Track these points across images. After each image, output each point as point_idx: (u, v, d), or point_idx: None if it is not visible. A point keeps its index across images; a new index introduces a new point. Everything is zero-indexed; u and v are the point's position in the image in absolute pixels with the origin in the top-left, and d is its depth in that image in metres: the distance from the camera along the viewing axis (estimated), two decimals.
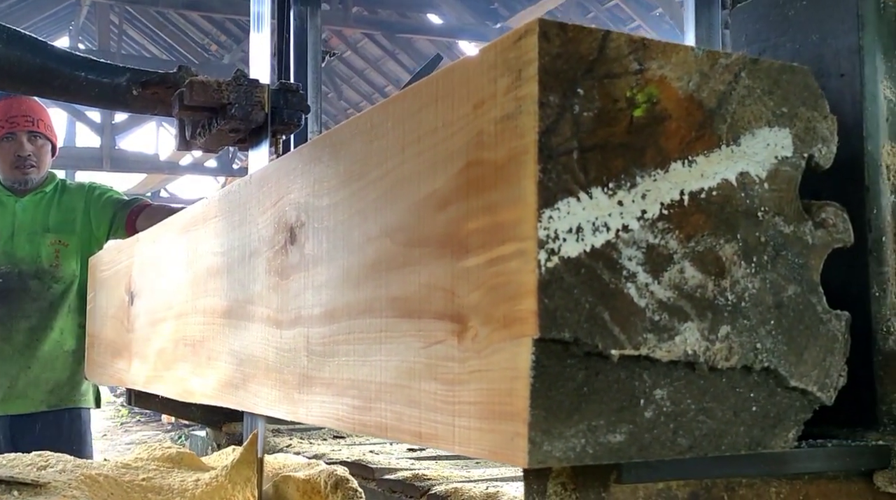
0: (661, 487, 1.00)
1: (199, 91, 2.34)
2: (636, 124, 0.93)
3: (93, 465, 2.04)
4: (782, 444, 0.99)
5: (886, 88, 1.15)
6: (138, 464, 2.08)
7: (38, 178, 3.87)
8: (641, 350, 0.91)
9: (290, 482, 1.92)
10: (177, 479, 1.98)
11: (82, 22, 20.05)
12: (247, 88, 2.36)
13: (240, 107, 2.34)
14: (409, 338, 1.08)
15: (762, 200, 0.99)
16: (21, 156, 3.79)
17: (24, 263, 3.76)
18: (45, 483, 1.83)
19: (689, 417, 0.94)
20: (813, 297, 1.00)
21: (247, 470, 1.90)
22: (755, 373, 0.97)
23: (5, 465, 1.99)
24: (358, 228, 1.21)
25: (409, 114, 1.11)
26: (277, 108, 2.40)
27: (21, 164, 3.80)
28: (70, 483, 1.86)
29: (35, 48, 2.49)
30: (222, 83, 2.36)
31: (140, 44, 22.42)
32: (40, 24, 19.02)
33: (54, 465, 2.00)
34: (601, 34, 0.93)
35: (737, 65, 0.99)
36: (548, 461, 0.88)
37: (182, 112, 2.46)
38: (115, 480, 1.94)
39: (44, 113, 3.90)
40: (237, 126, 2.37)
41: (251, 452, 1.92)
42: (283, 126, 2.43)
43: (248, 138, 2.47)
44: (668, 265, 0.93)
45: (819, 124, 1.02)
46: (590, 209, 0.90)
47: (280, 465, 2.09)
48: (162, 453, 2.16)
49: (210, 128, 2.43)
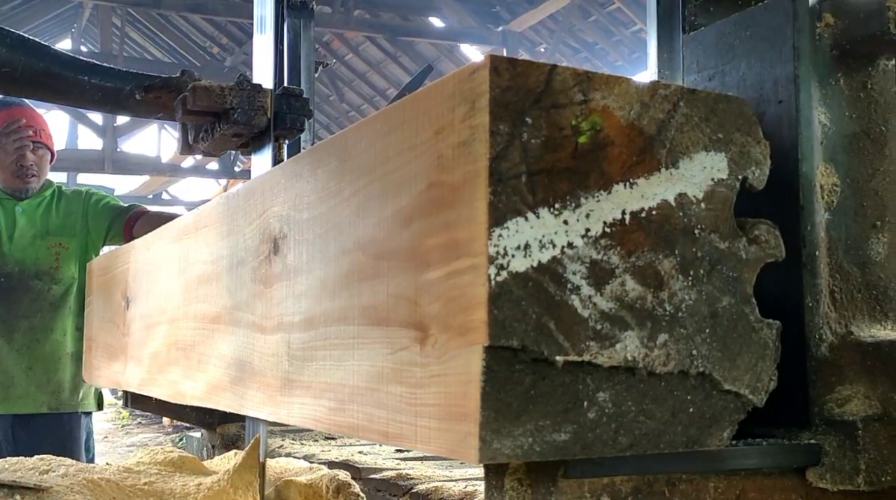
0: (605, 482, 1.08)
1: (202, 96, 2.35)
2: (581, 150, 1.02)
3: (95, 469, 2.06)
4: (717, 442, 1.08)
5: (821, 113, 1.23)
6: (140, 468, 2.10)
7: (38, 185, 3.98)
8: (584, 357, 1.00)
9: (293, 486, 1.94)
10: (179, 483, 1.99)
11: (84, 24, 20.14)
12: (250, 92, 2.36)
13: (243, 111, 2.34)
14: (378, 344, 1.17)
15: (699, 219, 1.08)
16: (23, 166, 3.89)
17: (24, 264, 3.86)
18: (47, 488, 1.84)
19: (630, 417, 1.03)
20: (746, 307, 1.09)
21: (249, 474, 1.90)
22: (691, 377, 1.06)
23: (8, 469, 2.01)
24: (334, 241, 1.30)
25: (379, 136, 1.20)
26: (280, 112, 2.40)
27: (23, 173, 3.90)
28: (72, 488, 1.87)
29: (39, 52, 2.50)
30: (225, 88, 2.36)
31: (142, 46, 22.52)
32: (42, 26, 19.11)
33: (56, 469, 2.01)
34: (548, 68, 1.02)
35: (675, 95, 1.08)
36: (497, 457, 0.96)
37: (185, 116, 2.47)
38: (117, 484, 1.95)
39: (44, 123, 4.01)
40: (240, 131, 2.38)
41: (253, 456, 1.93)
42: (286, 131, 2.44)
43: (250, 143, 2.49)
44: (610, 279, 1.02)
45: (753, 149, 1.11)
46: (537, 228, 0.99)
47: (282, 469, 2.11)
48: (164, 457, 2.17)
49: (213, 132, 2.44)
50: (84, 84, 2.51)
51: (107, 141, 15.59)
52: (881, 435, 1.15)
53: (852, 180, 1.25)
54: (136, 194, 20.14)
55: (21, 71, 2.45)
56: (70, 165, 15.82)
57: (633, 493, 1.10)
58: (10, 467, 2.05)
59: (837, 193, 1.24)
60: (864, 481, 1.14)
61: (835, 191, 1.23)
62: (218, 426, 3.07)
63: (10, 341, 3.82)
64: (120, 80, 2.54)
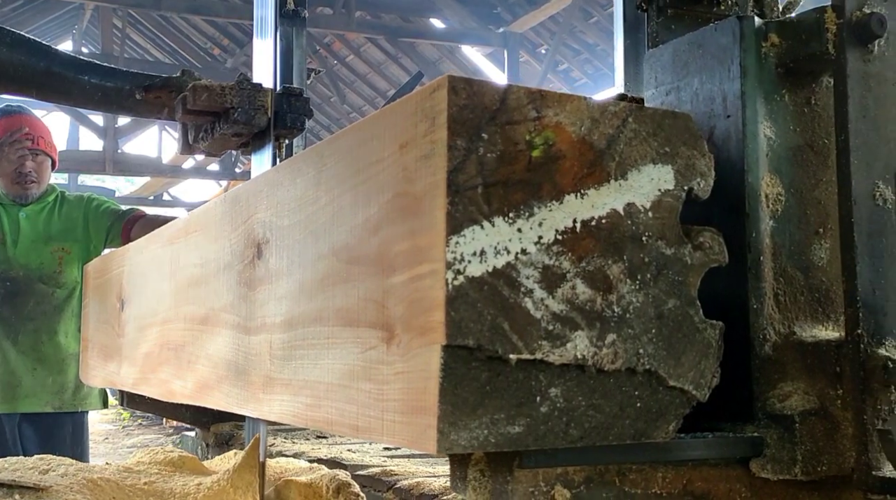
0: (558, 472, 1.17)
1: (202, 95, 2.36)
2: (534, 163, 1.10)
3: (94, 469, 2.07)
4: (663, 435, 1.15)
5: (767, 127, 1.31)
6: (140, 468, 2.12)
7: (38, 191, 4.10)
8: (537, 355, 1.08)
9: (292, 486, 1.96)
10: (178, 483, 2.00)
11: (85, 26, 20.23)
12: (250, 92, 2.37)
13: (243, 111, 2.35)
14: (350, 344, 1.25)
15: (646, 227, 1.16)
16: (22, 172, 4.00)
17: (28, 268, 3.98)
18: (47, 487, 1.85)
19: (580, 411, 1.11)
20: (690, 309, 1.17)
21: (249, 475, 1.90)
22: (638, 374, 1.14)
23: (8, 469, 2.03)
24: (311, 246, 1.38)
25: (351, 149, 1.28)
26: (280, 112, 2.42)
27: (22, 180, 4.01)
28: (72, 487, 1.88)
29: (39, 52, 2.52)
30: (226, 87, 2.38)
31: (143, 47, 22.60)
32: (44, 27, 19.20)
33: (56, 469, 2.03)
34: (503, 88, 1.10)
35: (624, 111, 1.16)
36: (454, 448, 1.04)
37: (185, 116, 2.49)
38: (117, 484, 1.96)
39: (44, 130, 4.11)
40: (240, 130, 2.39)
41: (253, 456, 1.94)
42: (287, 130, 2.46)
43: (251, 142, 2.50)
44: (561, 283, 1.10)
45: (698, 161, 1.19)
46: (492, 235, 1.07)
47: (282, 469, 2.12)
48: (164, 457, 2.19)
49: (213, 132, 2.46)
50: (84, 84, 2.53)
51: (108, 142, 15.65)
52: (817, 428, 1.23)
53: (796, 190, 1.33)
54: (137, 196, 20.23)
55: (22, 71, 2.47)
56: (71, 166, 15.90)
57: (585, 482, 1.18)
58: (10, 466, 2.07)
59: (782, 202, 1.32)
60: (801, 471, 1.22)
61: (779, 200, 1.31)
62: (212, 425, 3.15)
63: (15, 343, 3.94)
64: (120, 80, 2.57)
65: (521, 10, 14.56)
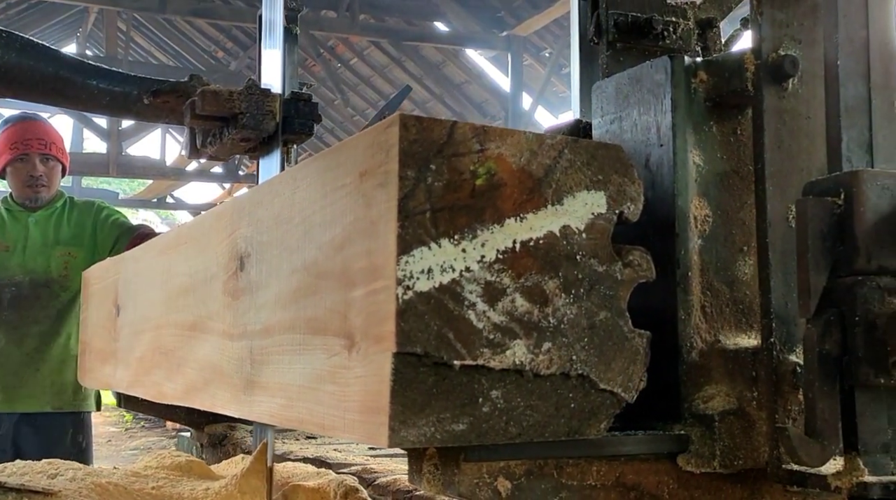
0: (501, 465, 1.30)
1: (210, 100, 2.37)
2: (477, 191, 1.24)
3: (103, 473, 2.11)
4: (596, 432, 1.29)
5: (696, 155, 1.45)
6: (148, 472, 2.16)
7: (48, 196, 4.21)
8: (479, 361, 1.22)
9: (300, 491, 1.98)
10: (186, 488, 2.02)
11: (90, 29, 20.37)
12: (258, 97, 2.38)
13: (251, 116, 2.36)
14: (318, 351, 1.39)
15: (580, 247, 1.29)
16: (33, 176, 4.10)
17: (35, 273, 4.08)
18: (56, 492, 1.87)
19: (519, 411, 1.25)
20: (620, 320, 1.31)
21: (256, 479, 1.91)
22: (572, 378, 1.27)
23: (16, 473, 2.06)
24: (286, 261, 1.52)
25: (320, 173, 1.42)
26: (289, 117, 2.42)
27: (33, 183, 4.12)
28: (80, 492, 1.90)
29: (48, 57, 2.53)
30: (234, 92, 2.38)
31: (147, 51, 22.75)
32: (48, 30, 19.36)
33: (64, 473, 2.05)
34: (450, 124, 1.24)
35: (560, 144, 1.29)
36: (404, 443, 1.18)
37: (194, 121, 2.49)
38: (125, 488, 1.97)
39: (56, 137, 4.24)
40: (248, 135, 2.40)
41: (261, 461, 1.95)
42: (295, 135, 2.46)
43: (259, 147, 2.50)
44: (502, 297, 1.24)
45: (628, 188, 1.32)
46: (439, 255, 1.21)
47: (289, 474, 2.15)
48: (171, 461, 2.23)
49: (221, 136, 2.47)
50: (92, 89, 2.55)
51: (112, 145, 15.80)
52: (735, 426, 1.38)
53: (723, 212, 1.47)
54: (140, 198, 20.42)
55: (30, 75, 2.48)
56: (75, 169, 16.01)
57: (525, 475, 1.32)
58: (19, 470, 2.10)
59: (709, 223, 1.46)
60: (719, 464, 1.37)
61: (707, 221, 1.45)
62: (206, 426, 3.28)
63: (20, 345, 4.02)
64: (128, 85, 2.57)
65: (525, 13, 14.65)
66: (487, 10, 15.02)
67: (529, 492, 1.32)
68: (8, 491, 1.86)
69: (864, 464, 1.23)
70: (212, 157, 2.65)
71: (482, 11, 14.96)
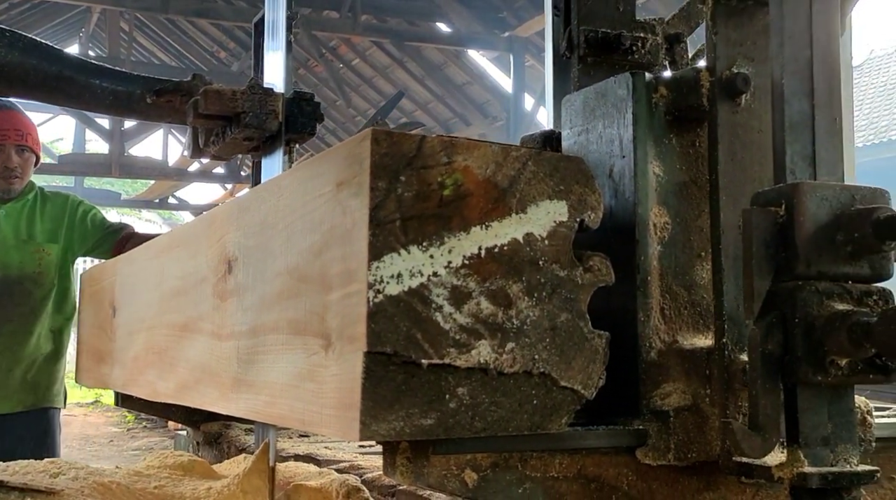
0: (468, 458, 1.39)
1: (213, 100, 2.37)
2: (445, 200, 1.33)
3: (105, 472, 2.09)
4: (557, 427, 1.38)
5: (656, 166, 1.54)
6: (150, 472, 2.15)
7: (20, 187, 4.11)
8: (445, 360, 1.30)
9: (302, 491, 1.98)
10: (188, 487, 2.02)
11: (92, 29, 20.46)
12: (261, 96, 2.38)
13: (254, 115, 2.35)
14: (299, 350, 1.48)
15: (543, 253, 1.38)
16: (9, 167, 4.00)
17: (9, 268, 3.97)
18: (58, 491, 1.86)
19: (484, 407, 1.33)
20: (581, 321, 1.39)
21: (258, 479, 1.91)
22: (534, 376, 1.36)
23: (18, 472, 2.06)
24: (270, 265, 1.61)
25: (302, 182, 1.51)
26: (292, 116, 2.42)
27: (8, 175, 4.01)
28: (83, 491, 1.90)
29: (51, 56, 2.52)
30: (237, 92, 2.38)
31: (149, 51, 22.83)
32: (51, 30, 19.44)
33: (67, 472, 2.04)
34: (419, 138, 1.32)
35: (524, 156, 1.38)
36: (374, 437, 1.27)
37: (196, 120, 2.48)
38: (128, 488, 1.97)
39: (32, 127, 4.15)
40: (251, 135, 2.40)
41: (263, 461, 1.96)
42: (297, 135, 2.45)
43: (261, 147, 2.50)
44: (467, 300, 1.32)
45: (589, 197, 1.41)
46: (408, 261, 1.29)
47: (291, 474, 2.15)
48: (174, 460, 2.23)
49: (224, 136, 2.47)
50: (95, 88, 2.54)
51: (114, 145, 15.88)
52: (689, 421, 1.46)
53: (681, 219, 1.56)
54: (143, 199, 20.52)
55: (34, 75, 2.47)
56: (77, 169, 16.15)
57: (491, 467, 1.41)
58: (21, 470, 2.09)
59: (668, 230, 1.54)
60: (674, 457, 1.45)
61: (666, 228, 1.54)
62: (201, 425, 3.35)
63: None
64: (131, 84, 2.57)
65: (527, 14, 14.69)
66: (489, 11, 15.06)
67: (495, 483, 1.40)
68: (10, 490, 1.87)
69: (804, 456, 1.32)
70: (214, 156, 2.66)
71: (484, 12, 15.01)
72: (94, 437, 13.22)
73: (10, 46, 2.45)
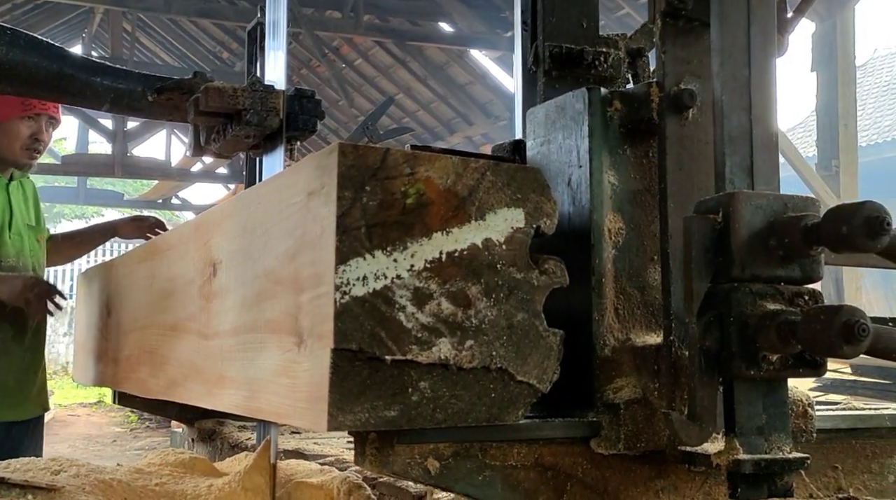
0: (431, 447, 1.49)
1: (214, 97, 2.36)
2: (408, 208, 1.43)
3: (106, 470, 2.07)
4: (514, 419, 1.48)
5: (611, 175, 1.64)
6: (151, 469, 2.13)
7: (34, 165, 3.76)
8: (408, 356, 1.40)
9: (303, 488, 1.98)
10: (189, 485, 2.01)
11: (95, 29, 20.54)
12: (262, 93, 2.38)
13: (255, 113, 2.36)
14: (275, 348, 1.58)
15: (501, 257, 1.48)
16: (39, 140, 3.63)
17: (23, 255, 3.63)
18: (59, 488, 1.86)
19: (444, 400, 1.43)
20: (536, 320, 1.50)
21: (259, 477, 1.91)
22: (492, 371, 1.46)
23: (20, 469, 2.03)
24: (250, 268, 1.71)
25: (279, 191, 1.62)
26: (292, 114, 2.42)
27: (36, 148, 3.64)
28: (84, 488, 1.89)
29: (52, 54, 2.51)
30: (238, 89, 2.38)
31: (152, 51, 22.91)
32: (54, 31, 19.49)
33: (68, 469, 2.02)
34: (384, 150, 1.43)
35: (483, 167, 1.48)
36: (341, 427, 1.37)
37: (197, 118, 2.48)
38: (129, 485, 1.97)
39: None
40: (252, 132, 2.40)
41: (264, 458, 1.96)
42: (298, 132, 2.44)
43: (262, 144, 2.50)
44: (429, 300, 1.43)
45: (544, 205, 1.51)
46: (372, 265, 1.40)
47: (292, 471, 2.13)
48: (175, 458, 2.21)
49: (225, 133, 2.46)
50: (97, 86, 2.53)
51: (117, 146, 15.95)
52: (638, 413, 1.57)
53: (635, 225, 1.66)
54: (146, 199, 20.61)
55: (35, 73, 2.46)
56: (80, 170, 16.22)
57: (452, 455, 1.51)
58: (22, 467, 2.07)
59: (623, 235, 1.65)
60: (623, 446, 1.56)
61: (620, 233, 1.64)
62: (196, 422, 3.43)
63: (20, 341, 3.58)
64: (132, 82, 2.56)
65: None
66: (492, 11, 15.08)
67: (456, 471, 1.51)
68: (12, 487, 1.86)
69: (740, 444, 1.43)
70: (215, 154, 2.65)
71: (487, 12, 15.02)
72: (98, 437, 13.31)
73: (12, 44, 2.45)
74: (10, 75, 2.46)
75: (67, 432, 12.76)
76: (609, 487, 1.61)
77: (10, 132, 3.55)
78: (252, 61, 3.91)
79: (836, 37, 8.75)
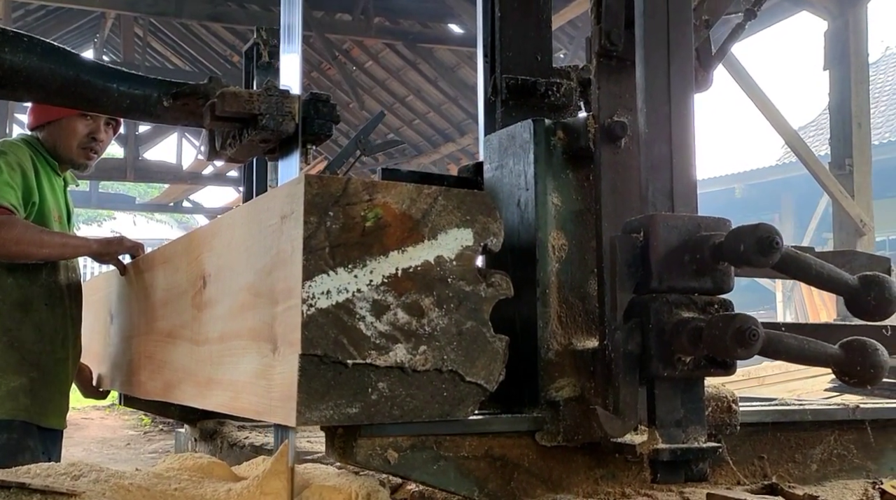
0: (390, 440, 1.69)
1: (230, 102, 2.37)
2: (367, 231, 1.62)
3: (125, 475, 2.09)
4: (465, 415, 1.67)
5: (555, 197, 1.84)
6: (170, 474, 2.13)
7: (93, 166, 3.57)
8: (367, 360, 1.60)
9: (321, 492, 1.96)
10: (208, 489, 2.01)
11: (107, 34, 20.71)
12: (278, 98, 2.39)
13: (271, 117, 2.36)
14: (255, 353, 1.78)
15: (451, 272, 1.68)
16: (97, 139, 3.43)
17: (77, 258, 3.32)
18: (79, 493, 1.87)
19: (401, 398, 1.63)
20: (484, 328, 1.69)
21: (277, 481, 1.91)
22: (444, 373, 1.65)
23: (40, 475, 2.04)
24: (235, 281, 1.91)
25: (258, 213, 1.81)
26: (308, 118, 2.42)
27: (93, 148, 3.45)
28: (104, 493, 1.90)
29: (68, 60, 2.52)
30: (254, 94, 2.39)
31: (163, 55, 23.07)
32: (66, 36, 19.66)
33: (87, 475, 2.04)
34: (345, 180, 1.62)
35: (436, 193, 1.68)
36: (309, 423, 1.57)
37: (213, 123, 2.48)
38: (148, 490, 1.98)
39: None
40: (268, 136, 2.40)
41: (282, 462, 1.96)
42: (314, 136, 2.46)
43: (278, 149, 2.51)
44: (386, 311, 1.62)
45: (492, 225, 1.70)
46: (335, 280, 1.59)
47: (310, 475, 2.11)
48: (193, 462, 2.22)
49: (241, 138, 2.47)
50: (113, 92, 2.53)
51: (129, 149, 16.15)
52: (576, 410, 1.76)
53: (577, 242, 1.85)
54: (157, 202, 20.86)
55: (52, 79, 2.48)
56: (93, 174, 16.33)
57: (410, 447, 1.70)
58: (42, 472, 2.08)
59: (565, 250, 1.84)
60: (563, 439, 1.76)
61: (563, 249, 1.84)
62: (198, 422, 3.56)
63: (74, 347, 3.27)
64: (148, 88, 2.56)
65: None
66: None
67: (413, 461, 1.70)
68: (33, 493, 1.87)
69: (660, 435, 1.62)
70: (231, 159, 2.65)
71: None
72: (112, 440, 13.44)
73: (28, 51, 2.46)
74: (27, 82, 2.47)
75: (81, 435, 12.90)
76: (553, 475, 1.80)
77: (67, 129, 3.41)
78: (249, 81, 4.05)
79: (849, 35, 8.61)
